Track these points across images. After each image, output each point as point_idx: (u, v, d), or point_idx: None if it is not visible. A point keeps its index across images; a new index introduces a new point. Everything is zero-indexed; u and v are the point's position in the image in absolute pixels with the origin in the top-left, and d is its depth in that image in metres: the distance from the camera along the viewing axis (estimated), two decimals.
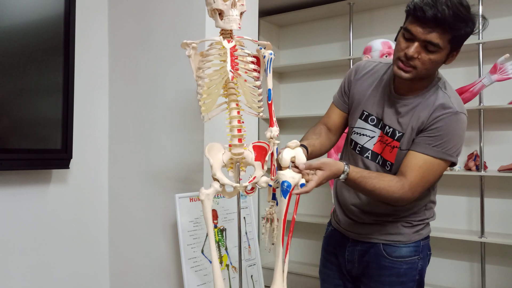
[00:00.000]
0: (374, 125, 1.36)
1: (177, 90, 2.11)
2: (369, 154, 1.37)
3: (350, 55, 3.02)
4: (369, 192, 1.26)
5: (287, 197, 1.19)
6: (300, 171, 1.19)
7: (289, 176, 1.17)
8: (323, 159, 1.23)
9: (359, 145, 1.39)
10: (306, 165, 1.20)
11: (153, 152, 2.20)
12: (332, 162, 1.23)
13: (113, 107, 2.35)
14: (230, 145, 1.40)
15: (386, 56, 2.38)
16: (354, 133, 1.41)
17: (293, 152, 1.20)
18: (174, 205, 1.90)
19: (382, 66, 1.41)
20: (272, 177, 1.38)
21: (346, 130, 1.54)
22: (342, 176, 1.24)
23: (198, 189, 1.37)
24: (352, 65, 3.00)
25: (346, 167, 1.23)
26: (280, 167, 1.22)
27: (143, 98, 2.24)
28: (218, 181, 1.36)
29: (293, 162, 1.20)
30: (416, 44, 1.19)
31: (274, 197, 1.75)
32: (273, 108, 1.68)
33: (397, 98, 1.32)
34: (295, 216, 1.27)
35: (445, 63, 1.25)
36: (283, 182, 1.17)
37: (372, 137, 1.36)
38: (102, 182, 2.34)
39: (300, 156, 1.19)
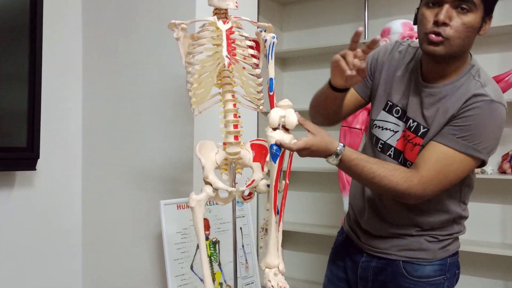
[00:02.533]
0: (398, 118, 1.36)
1: (164, 78, 2.12)
2: (391, 151, 1.37)
3: (365, 38, 3.03)
4: (368, 180, 1.26)
5: (277, 162, 1.22)
6: (288, 132, 1.23)
7: (279, 137, 1.20)
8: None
9: (381, 141, 1.39)
10: (301, 119, 1.24)
11: (134, 151, 2.21)
12: (328, 134, 1.25)
13: (88, 98, 2.35)
14: (224, 143, 1.42)
15: (407, 39, 2.39)
16: (376, 127, 1.41)
17: (283, 111, 1.23)
18: (159, 213, 1.91)
19: (411, 49, 1.40)
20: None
21: (363, 127, 1.56)
22: (333, 160, 1.24)
23: (187, 194, 1.38)
24: None
25: (341, 146, 1.24)
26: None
27: (123, 87, 2.25)
28: (211, 185, 1.38)
29: (283, 124, 1.23)
30: (446, 6, 1.21)
31: None
32: (275, 101, 1.69)
33: (424, 86, 1.32)
34: (287, 181, 1.30)
35: (478, 33, 1.26)
36: (271, 145, 1.21)
37: (396, 132, 1.36)
38: (74, 186, 2.35)
39: (291, 117, 1.21)
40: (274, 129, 1.23)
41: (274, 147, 1.21)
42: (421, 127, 1.30)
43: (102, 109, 2.31)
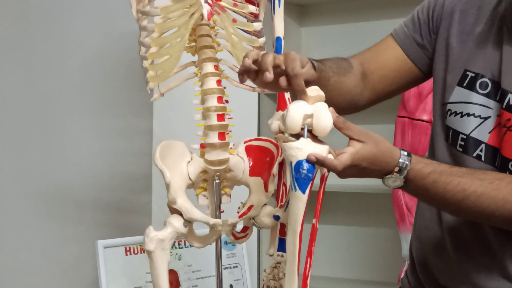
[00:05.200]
0: (487, 95, 1.38)
1: (102, 41, 2.13)
2: (481, 150, 1.38)
3: None
4: (456, 204, 1.28)
5: (307, 191, 1.20)
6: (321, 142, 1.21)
7: (309, 149, 1.19)
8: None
9: (462, 135, 1.40)
10: (340, 120, 1.22)
11: (52, 157, 2.22)
12: (383, 140, 1.25)
13: None
14: (203, 146, 1.43)
15: None
16: (450, 114, 1.43)
17: (310, 107, 1.21)
18: (95, 261, 1.92)
19: None
20: (282, 204, 1.40)
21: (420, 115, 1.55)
22: (396, 180, 1.25)
23: (142, 230, 1.39)
24: None
25: (404, 155, 1.25)
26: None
27: (37, 55, 2.25)
28: (181, 214, 1.39)
29: (310, 128, 1.21)
30: None
31: (282, 245, 1.76)
32: None
33: None
34: (316, 225, 1.28)
35: None
36: (298, 162, 1.19)
37: (486, 118, 1.38)
38: None
39: (323, 116, 1.18)
40: (295, 135, 1.23)
41: (306, 166, 1.18)
42: None
43: (2, 91, 2.31)
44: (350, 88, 1.46)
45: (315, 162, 1.18)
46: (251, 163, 1.45)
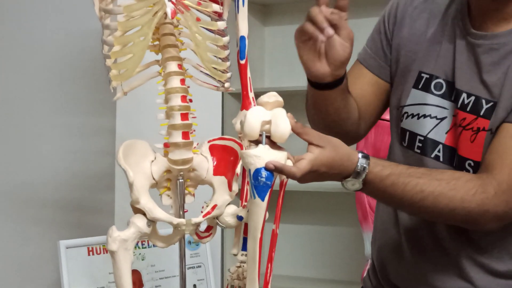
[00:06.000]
0: (442, 96, 1.41)
1: (63, 39, 2.11)
2: (439, 151, 1.40)
3: None
4: (414, 205, 1.29)
5: (266, 198, 1.21)
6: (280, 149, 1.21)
7: (267, 157, 1.19)
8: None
9: (419, 137, 1.42)
10: (298, 126, 1.22)
11: (16, 155, 2.20)
12: (342, 143, 1.26)
13: None
14: (166, 145, 1.42)
15: None
16: (407, 116, 1.45)
17: (268, 114, 1.21)
18: (57, 262, 1.91)
19: None
20: (245, 204, 1.40)
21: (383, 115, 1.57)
22: (354, 183, 1.27)
23: (105, 230, 1.38)
24: None
25: (362, 158, 1.25)
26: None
27: None
28: (144, 214, 1.38)
29: (268, 134, 1.22)
30: None
31: (246, 245, 1.76)
32: (249, 74, 1.71)
33: (478, 38, 1.36)
34: (277, 231, 1.29)
35: None
36: (257, 170, 1.19)
37: (442, 119, 1.40)
38: None
39: (281, 123, 1.19)
40: (254, 142, 1.23)
41: (264, 173, 1.18)
42: (483, 101, 1.33)
43: None
44: (353, 110, 1.49)
45: (274, 170, 1.18)
46: (215, 163, 1.45)
